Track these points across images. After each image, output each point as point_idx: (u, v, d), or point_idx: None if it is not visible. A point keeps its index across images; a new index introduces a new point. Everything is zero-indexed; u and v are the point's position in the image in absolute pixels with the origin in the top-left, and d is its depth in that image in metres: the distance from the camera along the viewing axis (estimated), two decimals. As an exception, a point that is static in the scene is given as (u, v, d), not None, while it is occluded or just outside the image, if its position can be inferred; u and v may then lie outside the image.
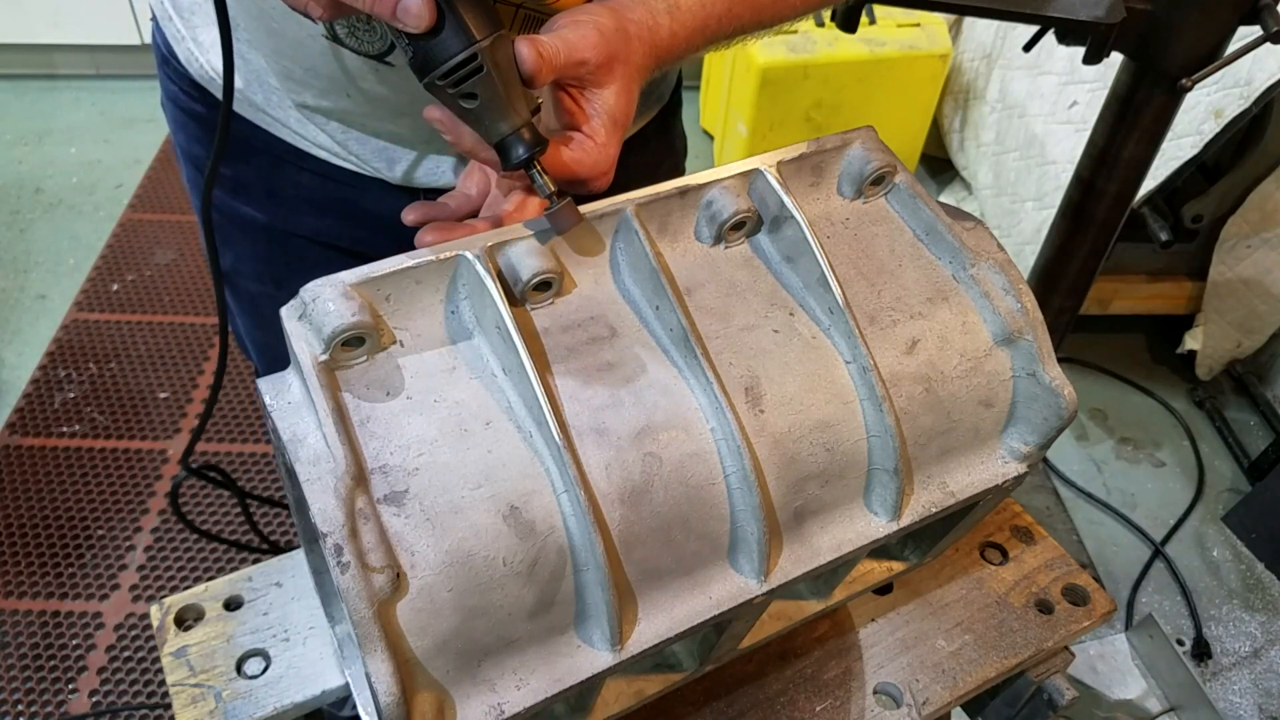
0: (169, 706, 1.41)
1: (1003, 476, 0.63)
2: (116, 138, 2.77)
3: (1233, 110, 1.69)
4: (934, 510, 0.60)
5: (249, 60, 0.77)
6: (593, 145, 0.57)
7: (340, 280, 0.50)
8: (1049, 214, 1.71)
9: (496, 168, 0.56)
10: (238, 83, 0.78)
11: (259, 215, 0.87)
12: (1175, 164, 1.73)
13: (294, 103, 0.78)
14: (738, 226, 0.60)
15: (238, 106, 0.80)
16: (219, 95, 0.81)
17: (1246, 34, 1.15)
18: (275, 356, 0.94)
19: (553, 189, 0.54)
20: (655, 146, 0.93)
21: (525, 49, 0.53)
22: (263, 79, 0.77)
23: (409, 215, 0.66)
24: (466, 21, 0.51)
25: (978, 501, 0.64)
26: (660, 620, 0.53)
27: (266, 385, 0.51)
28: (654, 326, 0.56)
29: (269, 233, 0.88)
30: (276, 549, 0.76)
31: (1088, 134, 1.33)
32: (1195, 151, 1.72)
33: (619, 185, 0.59)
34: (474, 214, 0.69)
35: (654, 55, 0.60)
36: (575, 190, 0.57)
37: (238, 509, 1.84)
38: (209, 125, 0.85)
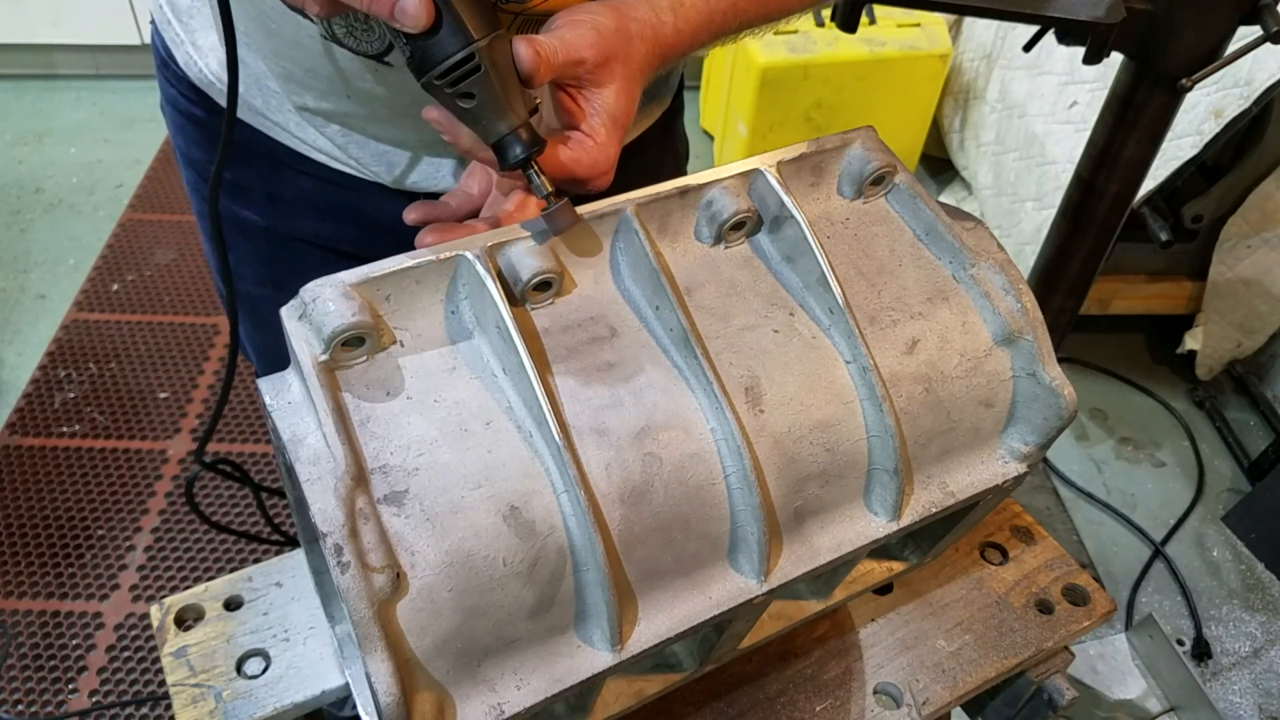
0: (169, 706, 1.41)
1: (1003, 476, 0.63)
2: (116, 138, 2.77)
3: (1233, 110, 1.69)
4: (934, 510, 0.60)
5: (248, 64, 0.77)
6: (592, 144, 0.57)
7: (340, 280, 0.50)
8: (1049, 214, 1.71)
9: (495, 167, 0.56)
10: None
11: (259, 219, 0.87)
12: (1175, 164, 1.73)
13: (294, 105, 0.78)
14: (738, 226, 0.60)
15: (238, 110, 0.80)
16: (217, 99, 0.81)
17: (1246, 34, 1.15)
18: (275, 359, 0.94)
19: (550, 189, 0.54)
20: (657, 150, 0.92)
21: (523, 48, 0.53)
22: (262, 82, 0.77)
23: (410, 215, 0.66)
24: (464, 21, 0.51)
25: (978, 501, 0.64)
26: (660, 620, 0.53)
27: (267, 385, 0.51)
28: (654, 326, 0.56)
29: (269, 236, 0.88)
30: (292, 541, 0.76)
31: (1088, 134, 1.33)
32: (1195, 151, 1.72)
33: (620, 188, 0.59)
34: (475, 213, 0.68)
35: (658, 53, 0.60)
36: (574, 190, 0.57)
37: (246, 505, 1.85)
38: (208, 128, 0.85)
